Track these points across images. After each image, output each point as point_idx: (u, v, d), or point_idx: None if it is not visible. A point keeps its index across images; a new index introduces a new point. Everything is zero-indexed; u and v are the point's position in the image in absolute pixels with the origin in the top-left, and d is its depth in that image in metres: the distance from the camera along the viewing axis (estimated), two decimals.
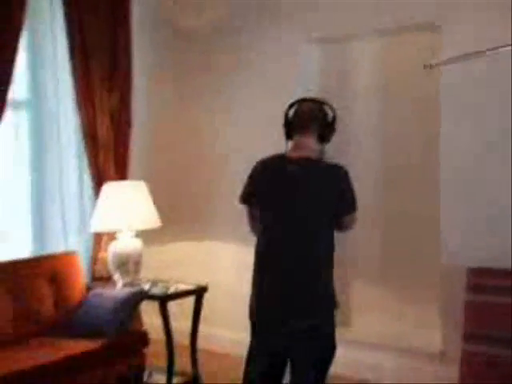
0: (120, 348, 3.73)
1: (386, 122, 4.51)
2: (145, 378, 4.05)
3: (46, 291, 3.87)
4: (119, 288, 4.19)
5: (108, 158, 4.70)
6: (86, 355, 3.51)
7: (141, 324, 4.49)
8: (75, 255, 4.17)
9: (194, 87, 5.08)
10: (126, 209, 4.23)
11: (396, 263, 4.45)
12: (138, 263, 4.30)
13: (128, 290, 3.99)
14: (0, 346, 3.47)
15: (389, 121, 4.49)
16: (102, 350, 3.59)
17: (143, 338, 3.92)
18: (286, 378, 2.80)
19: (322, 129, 2.71)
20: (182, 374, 4.17)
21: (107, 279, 4.41)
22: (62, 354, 3.42)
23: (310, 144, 2.71)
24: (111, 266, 4.31)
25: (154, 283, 4.25)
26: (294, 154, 2.71)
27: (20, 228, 4.53)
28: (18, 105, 4.55)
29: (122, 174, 4.81)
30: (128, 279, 4.24)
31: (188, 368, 4.20)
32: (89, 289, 4.15)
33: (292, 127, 2.75)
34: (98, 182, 4.58)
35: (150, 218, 4.33)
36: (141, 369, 3.92)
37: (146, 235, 4.42)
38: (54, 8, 4.53)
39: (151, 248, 4.63)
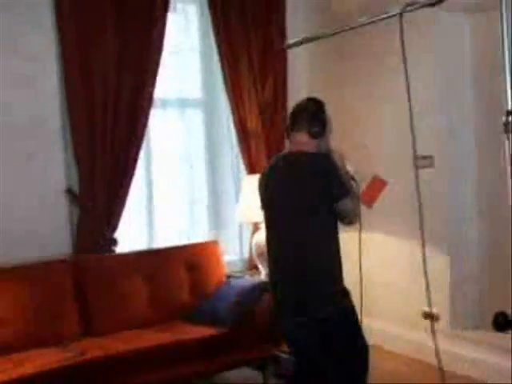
0: (239, 338, 3.75)
1: None
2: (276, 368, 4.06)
3: (182, 279, 4.09)
4: (262, 277, 4.28)
5: (260, 149, 4.79)
6: (201, 342, 3.63)
7: None
8: (216, 244, 4.34)
9: (350, 72, 4.89)
10: None
11: None
12: None
13: (251, 281, 4.05)
14: (131, 327, 3.79)
15: None
16: (218, 339, 3.67)
17: (267, 331, 3.92)
18: None
19: (310, 124, 2.78)
20: None
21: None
22: (174, 338, 3.60)
23: (301, 139, 2.80)
24: (254, 256, 4.43)
25: None
26: (288, 151, 2.89)
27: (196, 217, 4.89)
28: (192, 103, 4.92)
29: None
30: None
31: None
32: (230, 277, 4.30)
33: (289, 126, 2.87)
34: (252, 173, 4.70)
35: None
36: (264, 359, 3.92)
37: None
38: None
39: None
